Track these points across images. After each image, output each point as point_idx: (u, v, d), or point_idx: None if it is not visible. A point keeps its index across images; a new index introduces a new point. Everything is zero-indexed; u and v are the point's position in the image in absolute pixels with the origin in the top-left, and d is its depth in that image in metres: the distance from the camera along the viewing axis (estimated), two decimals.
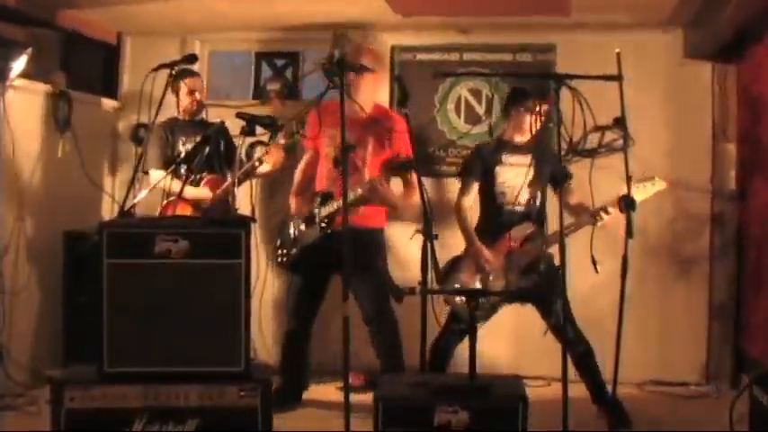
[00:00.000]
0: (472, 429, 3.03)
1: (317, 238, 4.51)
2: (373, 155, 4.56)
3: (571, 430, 3.48)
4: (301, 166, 4.87)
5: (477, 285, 4.47)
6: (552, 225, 4.36)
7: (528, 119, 4.53)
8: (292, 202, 4.78)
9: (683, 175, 5.28)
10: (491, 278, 4.47)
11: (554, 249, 3.99)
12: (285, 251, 4.66)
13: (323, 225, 4.47)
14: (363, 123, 4.53)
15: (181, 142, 5.00)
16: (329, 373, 4.81)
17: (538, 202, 4.56)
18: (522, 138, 4.60)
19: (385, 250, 4.75)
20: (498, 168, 4.57)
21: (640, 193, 4.29)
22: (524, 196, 4.54)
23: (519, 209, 4.55)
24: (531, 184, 4.55)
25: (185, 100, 5.04)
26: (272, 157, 4.72)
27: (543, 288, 4.41)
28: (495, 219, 4.56)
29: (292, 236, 4.63)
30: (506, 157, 4.59)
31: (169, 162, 4.86)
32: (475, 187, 4.63)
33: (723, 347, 5.23)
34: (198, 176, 4.91)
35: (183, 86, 5.01)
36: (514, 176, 4.55)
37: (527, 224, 4.50)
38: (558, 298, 4.08)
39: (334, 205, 4.46)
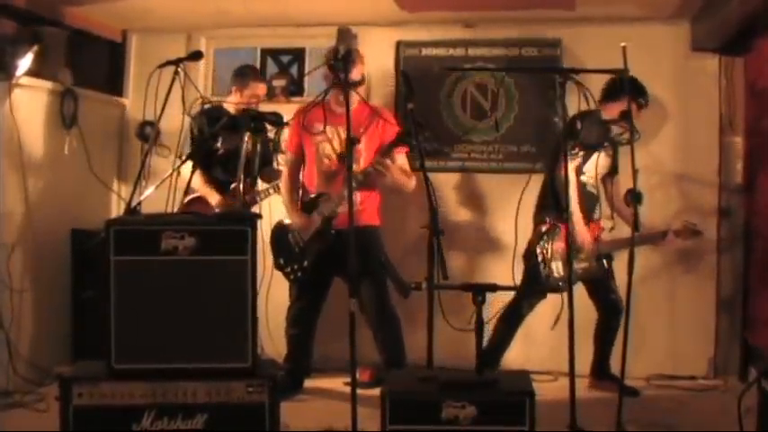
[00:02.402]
0: (479, 424, 3.04)
1: (322, 246, 4.54)
2: (366, 148, 4.58)
3: (578, 425, 3.48)
4: (286, 176, 4.78)
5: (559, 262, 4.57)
6: None
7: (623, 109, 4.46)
8: (293, 218, 4.68)
9: (689, 169, 5.28)
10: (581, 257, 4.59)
11: None
12: (296, 267, 4.63)
13: (329, 228, 4.49)
14: (356, 118, 4.52)
15: (221, 138, 4.85)
16: (336, 367, 4.81)
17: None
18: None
19: (383, 246, 4.72)
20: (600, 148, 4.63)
21: None
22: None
23: (595, 192, 4.69)
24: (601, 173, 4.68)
25: (245, 101, 4.91)
26: None
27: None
28: (584, 199, 4.63)
29: (296, 249, 4.63)
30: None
31: (205, 155, 4.75)
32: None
33: (731, 340, 5.22)
34: (230, 180, 4.84)
35: (249, 90, 4.94)
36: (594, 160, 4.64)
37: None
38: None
39: (332, 203, 4.46)
